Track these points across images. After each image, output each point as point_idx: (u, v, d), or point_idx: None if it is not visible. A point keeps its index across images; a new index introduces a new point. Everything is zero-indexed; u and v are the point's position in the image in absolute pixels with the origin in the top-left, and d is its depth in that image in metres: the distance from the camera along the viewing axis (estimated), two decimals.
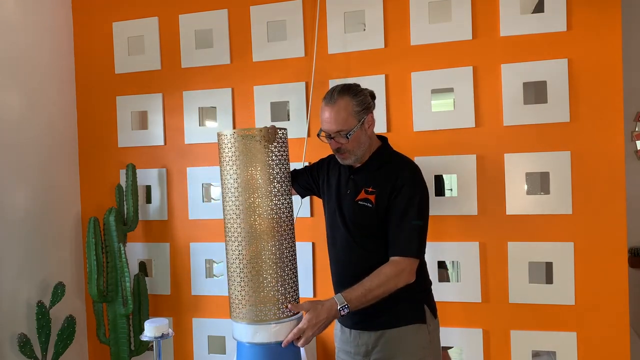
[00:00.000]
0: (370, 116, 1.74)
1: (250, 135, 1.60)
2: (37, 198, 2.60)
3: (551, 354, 2.40)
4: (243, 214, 1.58)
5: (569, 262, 2.25)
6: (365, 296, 1.61)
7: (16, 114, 2.49)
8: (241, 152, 1.59)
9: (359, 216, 1.73)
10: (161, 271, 2.76)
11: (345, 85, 1.73)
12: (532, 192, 2.38)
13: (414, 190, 1.69)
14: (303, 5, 2.53)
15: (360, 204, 1.72)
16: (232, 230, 1.60)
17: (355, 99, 1.69)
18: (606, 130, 2.22)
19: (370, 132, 1.76)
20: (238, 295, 1.59)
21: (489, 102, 2.34)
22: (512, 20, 2.30)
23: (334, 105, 1.68)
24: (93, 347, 2.87)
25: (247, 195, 1.59)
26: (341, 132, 1.68)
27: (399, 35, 2.43)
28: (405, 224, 1.66)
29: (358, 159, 1.75)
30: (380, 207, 1.70)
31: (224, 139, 1.62)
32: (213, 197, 2.90)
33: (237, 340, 1.63)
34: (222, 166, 1.63)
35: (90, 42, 2.85)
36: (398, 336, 1.71)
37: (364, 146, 1.74)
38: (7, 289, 2.42)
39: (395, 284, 1.63)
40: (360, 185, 1.75)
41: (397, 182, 1.69)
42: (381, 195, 1.70)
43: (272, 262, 1.58)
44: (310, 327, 1.57)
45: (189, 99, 2.70)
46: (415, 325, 1.72)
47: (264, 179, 1.60)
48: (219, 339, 2.70)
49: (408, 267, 1.65)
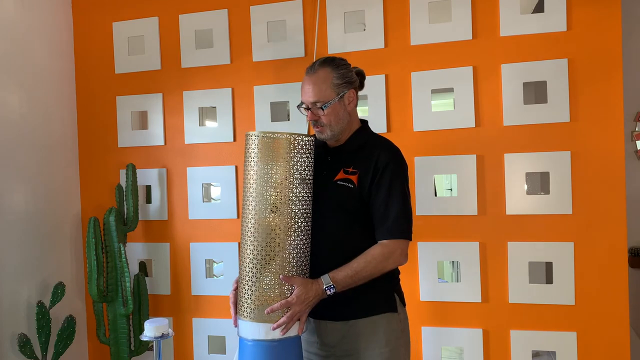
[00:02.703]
0: (351, 92, 1.69)
1: (275, 137, 1.57)
2: (37, 198, 2.60)
3: (551, 354, 2.40)
4: (259, 214, 1.57)
5: (569, 262, 2.25)
6: (351, 277, 1.58)
7: (16, 114, 2.49)
8: (264, 153, 1.56)
9: (338, 197, 1.66)
10: (161, 271, 2.76)
11: (330, 57, 1.70)
12: (532, 192, 2.39)
13: (397, 170, 1.65)
14: (303, 5, 2.53)
15: (339, 184, 1.66)
16: (247, 229, 1.59)
17: (336, 70, 1.66)
18: (606, 130, 2.22)
19: (351, 108, 1.71)
20: (245, 294, 1.59)
21: (489, 102, 2.34)
22: (512, 20, 2.30)
23: (313, 75, 1.65)
24: (93, 347, 2.87)
25: (266, 196, 1.56)
26: (317, 103, 1.64)
27: (399, 35, 2.43)
28: (391, 205, 1.62)
29: (335, 135, 1.69)
30: (364, 188, 1.64)
31: (250, 139, 1.60)
32: (213, 197, 2.90)
33: (241, 337, 1.63)
34: (245, 165, 1.62)
35: (90, 42, 2.85)
36: (370, 326, 1.65)
37: (342, 122, 1.68)
38: (7, 289, 2.42)
39: (383, 267, 1.61)
40: (338, 166, 1.69)
41: (379, 164, 1.64)
42: (364, 176, 1.65)
43: (283, 266, 1.57)
44: (299, 302, 1.54)
45: (189, 99, 2.70)
46: (386, 314, 1.67)
47: (284, 183, 1.57)
48: (219, 339, 2.70)
49: (398, 249, 1.63)
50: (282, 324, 1.55)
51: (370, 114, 2.46)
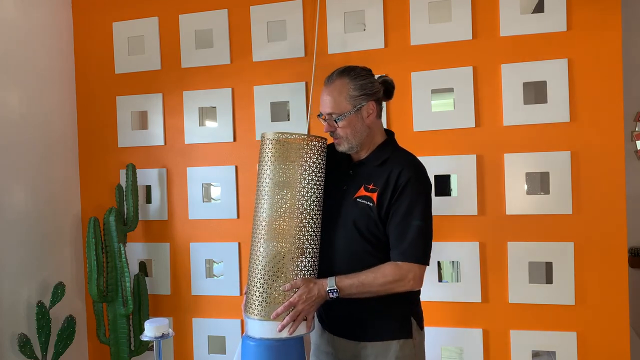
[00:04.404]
0: (371, 104, 1.61)
1: (288, 138, 1.57)
2: (37, 198, 2.60)
3: (551, 354, 2.40)
4: (270, 216, 1.57)
5: (569, 262, 2.25)
6: (357, 288, 1.54)
7: (16, 114, 2.49)
8: (279, 154, 1.56)
9: (355, 215, 1.61)
10: (161, 271, 2.76)
11: (349, 66, 1.63)
12: (532, 192, 2.38)
13: (418, 189, 1.58)
14: (303, 5, 2.53)
15: (359, 202, 1.61)
16: (258, 230, 1.59)
17: (354, 82, 1.59)
18: (606, 130, 2.22)
19: (370, 121, 1.63)
20: (254, 293, 1.59)
21: (489, 102, 2.34)
22: (512, 20, 2.30)
23: (330, 85, 1.60)
24: (93, 347, 2.87)
25: (277, 198, 1.56)
26: (332, 114, 1.59)
27: (399, 35, 2.43)
28: (409, 226, 1.55)
29: (353, 148, 1.63)
30: (382, 207, 1.58)
31: (265, 141, 1.59)
32: (213, 197, 2.90)
33: (246, 336, 1.62)
34: (259, 166, 1.61)
35: (90, 42, 2.85)
36: (382, 351, 1.61)
37: (360, 135, 1.62)
38: (7, 289, 2.42)
39: (392, 288, 1.55)
40: (360, 181, 1.63)
41: (400, 181, 1.57)
42: (383, 193, 1.58)
43: (292, 267, 1.57)
44: (301, 301, 1.53)
45: (189, 99, 2.70)
46: (400, 340, 1.61)
47: (296, 184, 1.57)
48: (219, 339, 2.70)
49: (412, 274, 1.55)
50: (287, 324, 1.54)
51: None
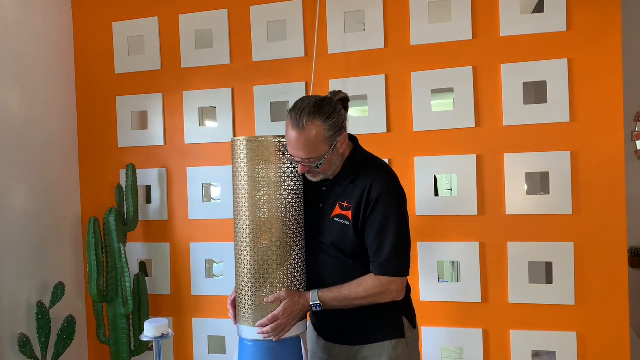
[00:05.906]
0: (343, 136, 1.55)
1: (261, 141, 1.57)
2: (37, 198, 2.60)
3: (551, 354, 2.40)
4: (252, 213, 1.57)
5: (569, 262, 2.25)
6: (340, 301, 1.56)
7: (16, 114, 2.49)
8: (252, 158, 1.57)
9: (334, 235, 1.60)
10: (161, 271, 2.76)
11: (316, 103, 1.51)
12: (532, 192, 2.39)
13: (389, 202, 1.55)
14: (303, 5, 2.53)
15: (336, 221, 1.59)
16: (240, 232, 1.60)
17: (327, 122, 1.49)
18: (606, 130, 2.22)
19: (343, 149, 1.59)
20: (242, 299, 1.60)
21: (489, 102, 2.34)
22: (512, 20, 2.30)
23: (302, 131, 1.48)
24: (93, 347, 2.87)
25: (256, 199, 1.57)
26: (311, 159, 1.52)
27: (399, 35, 2.43)
28: (385, 240, 1.54)
29: (329, 177, 1.61)
30: (357, 224, 1.57)
31: (237, 144, 1.60)
32: (213, 197, 2.90)
33: (241, 337, 1.64)
34: (233, 171, 1.62)
35: (90, 42, 2.85)
36: (376, 352, 1.63)
37: (335, 165, 1.59)
38: (7, 289, 2.42)
39: (375, 300, 1.57)
40: (334, 199, 1.61)
41: (371, 196, 1.54)
42: (357, 210, 1.57)
43: (277, 269, 1.58)
44: (285, 315, 1.54)
45: (189, 99, 2.70)
46: (393, 340, 1.63)
47: (274, 187, 1.57)
48: (219, 339, 2.70)
49: (394, 286, 1.56)
50: (266, 333, 1.56)
51: (370, 114, 2.46)
